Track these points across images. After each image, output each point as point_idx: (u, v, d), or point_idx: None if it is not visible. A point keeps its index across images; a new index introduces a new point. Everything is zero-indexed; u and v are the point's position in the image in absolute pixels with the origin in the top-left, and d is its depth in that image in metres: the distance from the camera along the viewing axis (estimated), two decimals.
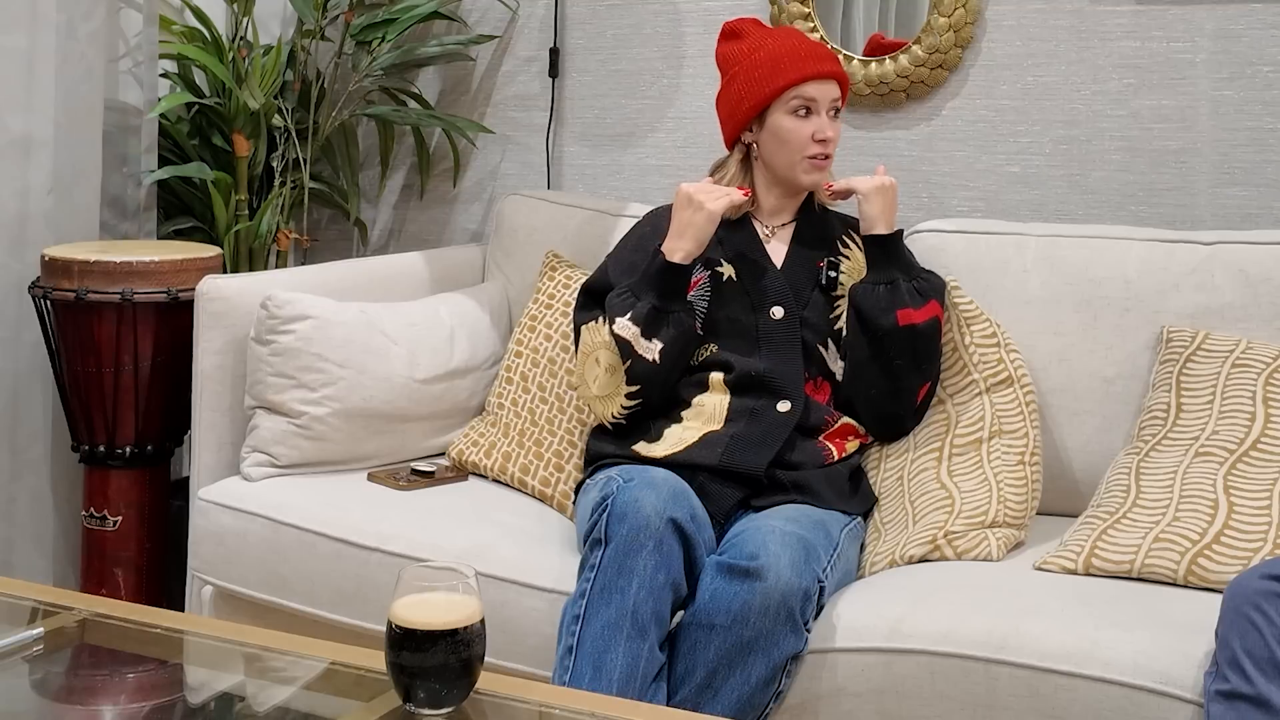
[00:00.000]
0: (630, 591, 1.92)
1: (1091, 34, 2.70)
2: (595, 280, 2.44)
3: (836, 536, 2.13)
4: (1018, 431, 2.28)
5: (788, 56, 2.36)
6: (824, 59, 2.37)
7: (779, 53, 2.37)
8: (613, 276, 2.41)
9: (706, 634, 1.93)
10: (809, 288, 2.38)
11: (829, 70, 2.36)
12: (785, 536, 1.99)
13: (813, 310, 2.36)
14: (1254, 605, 1.67)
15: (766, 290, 2.35)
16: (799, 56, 2.35)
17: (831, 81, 2.36)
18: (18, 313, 2.83)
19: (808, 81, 2.34)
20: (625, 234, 2.54)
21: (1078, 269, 2.44)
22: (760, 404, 2.28)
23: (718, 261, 2.38)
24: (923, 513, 2.21)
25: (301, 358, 2.49)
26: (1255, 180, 2.61)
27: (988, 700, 1.87)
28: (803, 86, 2.34)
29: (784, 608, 1.91)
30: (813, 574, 1.97)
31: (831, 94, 2.36)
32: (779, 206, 2.44)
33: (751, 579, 1.92)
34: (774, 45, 2.38)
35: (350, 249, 3.42)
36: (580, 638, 1.92)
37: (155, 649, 1.72)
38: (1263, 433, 2.13)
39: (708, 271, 2.37)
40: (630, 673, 1.88)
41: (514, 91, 3.23)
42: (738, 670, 1.91)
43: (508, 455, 2.55)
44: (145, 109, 3.06)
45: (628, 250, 2.45)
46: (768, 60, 2.37)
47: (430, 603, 1.43)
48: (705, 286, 2.36)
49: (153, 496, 2.79)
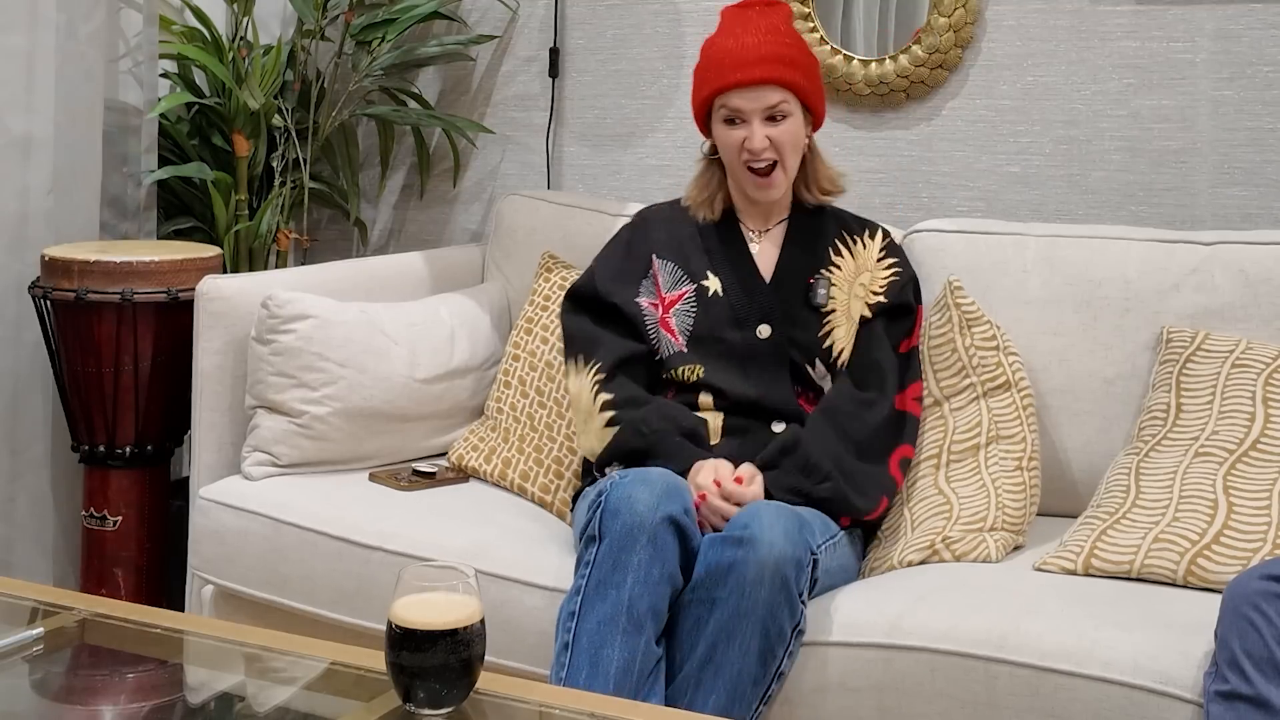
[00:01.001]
0: (625, 587, 1.92)
1: (1091, 34, 2.70)
2: (582, 285, 2.40)
3: (835, 529, 2.13)
4: (1015, 437, 2.28)
5: (715, 64, 2.28)
6: (751, 65, 2.24)
7: (714, 57, 2.29)
8: (600, 282, 2.37)
9: (707, 609, 1.94)
10: (798, 305, 2.31)
11: (755, 77, 2.24)
12: (779, 509, 2.00)
13: (801, 329, 2.30)
14: (1253, 605, 1.67)
15: (754, 307, 2.30)
16: (723, 65, 2.26)
17: (764, 88, 2.24)
18: (18, 313, 2.83)
19: (730, 91, 2.25)
20: (614, 236, 2.49)
21: (1078, 269, 2.44)
22: (754, 424, 2.26)
23: (704, 275, 2.33)
24: (921, 519, 2.21)
25: (302, 357, 2.50)
26: (1255, 180, 2.61)
27: (987, 699, 1.87)
28: (726, 96, 2.26)
29: (777, 575, 1.91)
30: (805, 544, 1.97)
31: (765, 101, 2.24)
32: (760, 210, 2.37)
33: (744, 546, 1.93)
34: (715, 48, 2.30)
35: (350, 249, 3.42)
36: (576, 633, 1.92)
37: (155, 649, 1.72)
38: (1262, 433, 2.13)
39: (693, 285, 2.32)
40: (627, 668, 1.88)
41: (514, 91, 3.23)
42: (736, 642, 1.91)
43: (507, 461, 2.55)
44: (145, 109, 3.06)
45: (616, 257, 2.41)
46: (703, 66, 2.32)
47: (430, 602, 1.43)
48: (691, 301, 2.31)
49: (153, 496, 2.79)
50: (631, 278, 2.37)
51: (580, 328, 2.36)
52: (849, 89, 2.88)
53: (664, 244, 2.38)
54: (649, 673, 1.91)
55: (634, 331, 2.34)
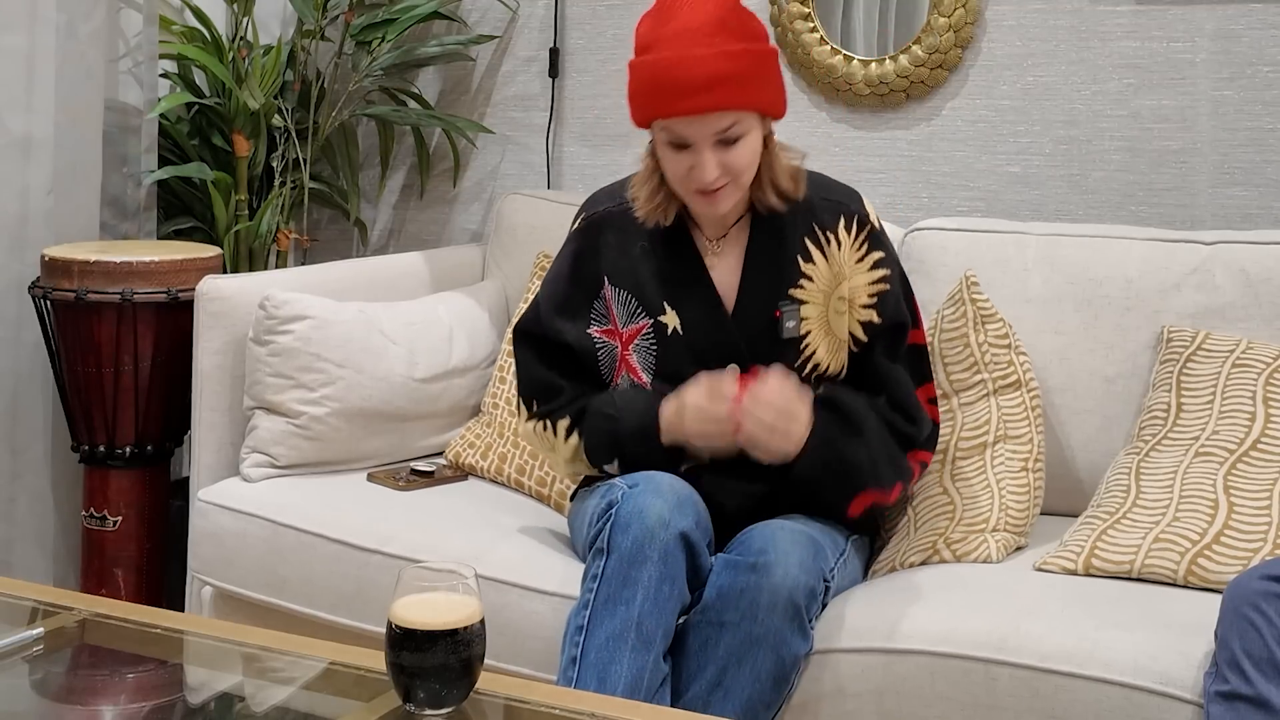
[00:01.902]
0: (635, 603, 1.88)
1: (1091, 34, 2.70)
2: (528, 323, 2.21)
3: (844, 544, 2.11)
4: (1023, 437, 2.28)
5: (653, 85, 1.97)
6: (697, 91, 1.93)
7: (654, 74, 1.97)
8: (545, 320, 2.18)
9: (716, 631, 1.91)
10: (766, 340, 2.08)
11: (702, 106, 1.94)
12: (795, 534, 1.96)
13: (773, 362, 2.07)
14: (1253, 606, 1.66)
15: (716, 348, 2.08)
16: (662, 88, 1.96)
17: (712, 114, 1.95)
18: (18, 313, 2.83)
19: (673, 118, 1.97)
20: (560, 250, 2.22)
21: (1078, 269, 2.44)
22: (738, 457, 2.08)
23: (660, 308, 2.10)
24: (924, 519, 2.21)
25: (300, 358, 2.49)
26: (1255, 180, 2.61)
27: (988, 700, 1.87)
28: (669, 122, 1.98)
29: (790, 604, 1.89)
30: (819, 572, 1.95)
31: (714, 127, 1.95)
32: (713, 218, 2.11)
33: (759, 573, 1.90)
34: (653, 62, 1.97)
35: (350, 249, 3.42)
36: (584, 648, 1.90)
37: (155, 649, 1.72)
38: (1263, 433, 2.13)
39: (650, 320, 2.11)
40: (635, 685, 1.86)
41: (514, 91, 3.23)
42: (747, 667, 1.89)
43: (503, 456, 2.55)
44: (145, 109, 3.06)
45: (563, 281, 2.18)
46: (639, 82, 2.01)
47: (430, 603, 1.43)
48: (649, 336, 2.12)
49: (153, 497, 2.79)
50: (581, 307, 2.16)
51: (531, 372, 2.20)
52: (849, 89, 2.87)
53: (615, 266, 2.14)
54: (655, 689, 1.89)
55: (589, 374, 2.17)
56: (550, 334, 2.18)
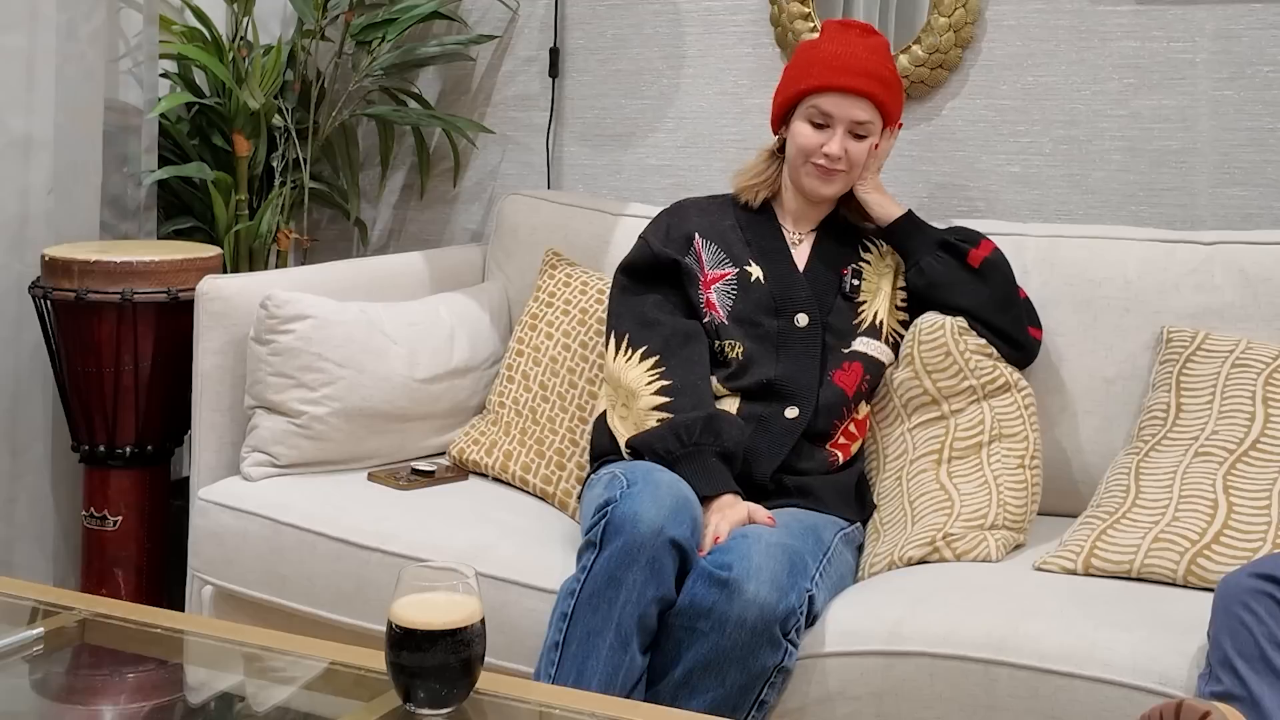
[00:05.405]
0: (618, 603, 1.91)
1: (1091, 34, 2.70)
2: (636, 256, 2.42)
3: (828, 541, 2.12)
4: (1018, 435, 2.28)
5: (817, 63, 2.31)
6: (854, 74, 2.29)
7: (816, 57, 2.32)
8: (655, 246, 2.40)
9: (689, 635, 1.93)
10: (832, 294, 2.36)
11: (852, 86, 2.29)
12: (770, 548, 1.96)
13: (836, 316, 2.35)
14: (1243, 604, 1.66)
15: (792, 296, 2.34)
16: (827, 65, 2.30)
17: (857, 99, 2.29)
18: (18, 313, 2.83)
19: (824, 93, 2.30)
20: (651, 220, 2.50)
21: (1078, 269, 2.44)
22: (769, 410, 2.26)
23: (746, 261, 2.37)
24: (921, 514, 2.21)
25: (301, 357, 2.50)
26: (1255, 180, 2.61)
27: (987, 701, 1.87)
28: (819, 97, 2.31)
29: (761, 625, 1.89)
30: (799, 589, 1.94)
31: (854, 114, 2.30)
32: (800, 212, 2.42)
33: (728, 590, 1.91)
34: (818, 50, 2.34)
35: (350, 249, 3.42)
36: (567, 637, 1.93)
37: (155, 649, 1.72)
38: (1262, 433, 2.13)
39: (736, 269, 2.36)
40: (609, 681, 1.89)
41: (514, 91, 3.23)
42: (713, 675, 1.91)
43: (509, 454, 2.55)
44: (145, 109, 3.07)
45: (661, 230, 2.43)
46: (801, 63, 2.35)
47: (430, 603, 1.43)
48: (732, 283, 2.35)
49: (153, 496, 2.79)
50: (679, 249, 2.40)
51: (631, 309, 2.36)
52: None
53: (704, 228, 2.42)
54: (631, 686, 1.92)
55: (687, 302, 2.36)
56: (659, 255, 2.38)
